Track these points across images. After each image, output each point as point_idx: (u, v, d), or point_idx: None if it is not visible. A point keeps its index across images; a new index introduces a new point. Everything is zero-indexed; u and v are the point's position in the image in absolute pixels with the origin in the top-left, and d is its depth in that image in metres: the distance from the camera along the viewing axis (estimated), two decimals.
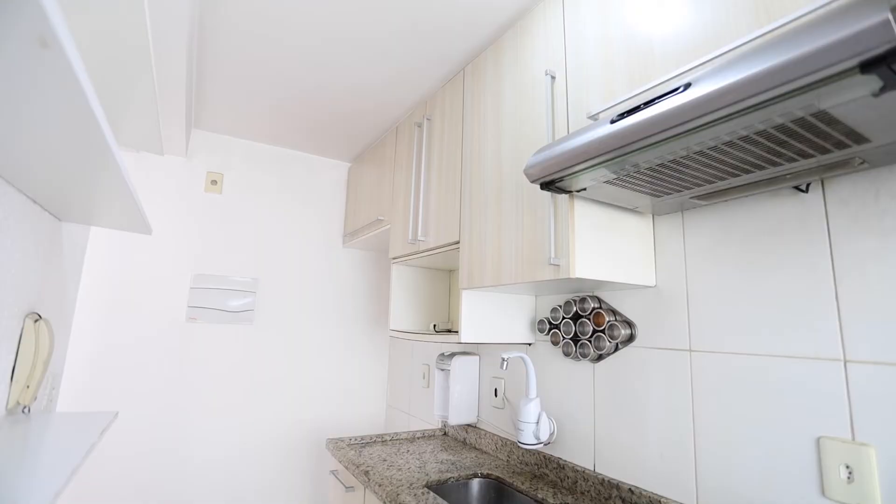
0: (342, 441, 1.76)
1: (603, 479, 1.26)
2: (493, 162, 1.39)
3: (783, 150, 0.74)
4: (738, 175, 0.86)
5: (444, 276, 2.11)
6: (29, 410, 1.11)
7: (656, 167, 0.84)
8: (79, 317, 1.99)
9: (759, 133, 0.68)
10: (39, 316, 1.13)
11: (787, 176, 0.86)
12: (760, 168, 0.82)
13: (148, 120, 1.63)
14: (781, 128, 0.65)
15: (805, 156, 0.75)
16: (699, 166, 0.83)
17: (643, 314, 1.24)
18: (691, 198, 1.03)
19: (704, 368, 1.08)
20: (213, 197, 2.36)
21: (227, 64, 1.74)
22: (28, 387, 1.06)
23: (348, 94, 1.95)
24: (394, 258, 1.94)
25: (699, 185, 0.94)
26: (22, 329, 1.05)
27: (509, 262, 1.25)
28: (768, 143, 0.71)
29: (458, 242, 1.50)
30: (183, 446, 2.13)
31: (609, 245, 1.13)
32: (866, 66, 0.49)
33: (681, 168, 0.84)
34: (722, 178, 0.89)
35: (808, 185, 0.95)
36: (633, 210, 1.20)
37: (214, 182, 2.38)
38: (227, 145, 2.43)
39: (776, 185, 0.92)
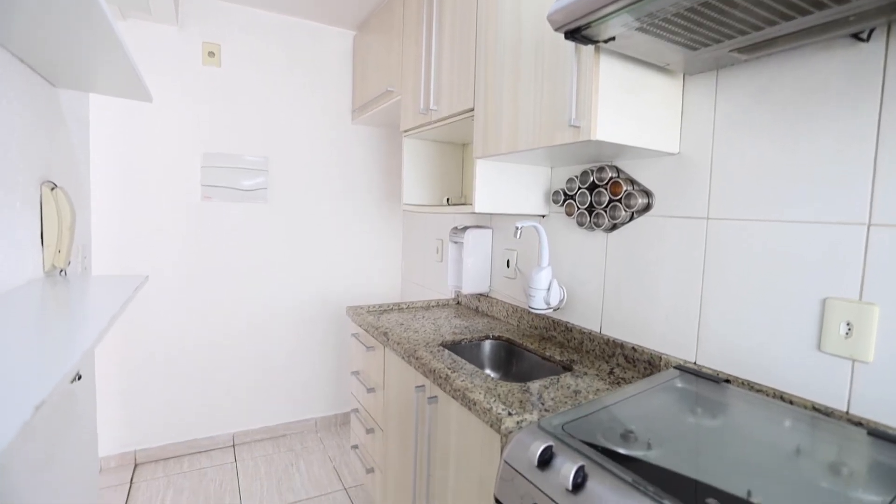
0: (361, 308, 1.88)
1: (608, 340, 1.34)
2: (511, 17, 1.25)
3: None
4: (793, 18, 0.76)
5: (457, 151, 2.05)
6: (66, 273, 1.18)
7: (698, 6, 0.74)
8: (96, 193, 2.02)
9: None
10: (55, 185, 1.14)
11: (851, 18, 0.75)
12: (821, 7, 0.72)
13: None
14: None
15: None
16: (749, 5, 0.73)
17: (662, 183, 1.21)
18: (731, 51, 0.93)
19: (720, 235, 1.08)
20: (211, 70, 2.22)
21: None
22: (60, 251, 1.11)
23: None
24: (405, 131, 1.87)
25: (744, 34, 0.84)
26: (41, 196, 1.07)
27: (526, 127, 1.19)
28: None
29: (472, 110, 1.42)
30: (211, 314, 2.30)
31: (633, 107, 1.06)
32: None
33: (727, 8, 0.74)
34: (773, 23, 0.79)
35: (869, 33, 0.84)
36: (662, 68, 1.09)
37: (212, 54, 2.22)
38: (221, 11, 2.22)
39: (832, 32, 0.81)
